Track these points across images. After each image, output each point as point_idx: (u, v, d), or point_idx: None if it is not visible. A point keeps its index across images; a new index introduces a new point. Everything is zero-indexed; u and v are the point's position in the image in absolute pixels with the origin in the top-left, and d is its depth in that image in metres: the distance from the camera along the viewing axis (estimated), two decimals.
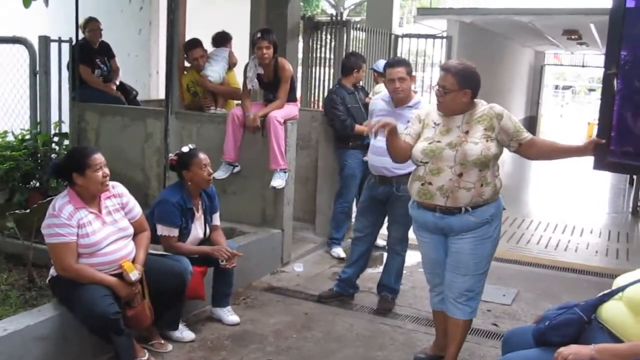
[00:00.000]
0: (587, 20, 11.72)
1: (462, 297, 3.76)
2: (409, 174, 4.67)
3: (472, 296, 3.77)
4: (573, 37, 15.05)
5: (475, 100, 3.73)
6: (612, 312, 2.73)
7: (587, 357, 2.57)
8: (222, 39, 6.56)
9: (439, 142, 3.65)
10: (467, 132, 3.62)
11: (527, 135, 3.67)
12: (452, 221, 3.67)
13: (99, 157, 3.71)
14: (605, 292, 2.83)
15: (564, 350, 2.65)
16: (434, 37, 11.22)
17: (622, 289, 2.74)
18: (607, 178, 12.42)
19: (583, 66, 25.83)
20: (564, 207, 9.60)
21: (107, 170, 3.73)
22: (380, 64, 6.67)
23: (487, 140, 3.58)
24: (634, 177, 9.88)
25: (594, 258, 6.92)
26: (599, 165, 3.51)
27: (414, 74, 4.87)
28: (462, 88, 3.62)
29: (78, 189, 3.70)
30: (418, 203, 3.79)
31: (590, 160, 3.57)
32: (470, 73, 3.67)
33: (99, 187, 3.72)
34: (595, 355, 2.56)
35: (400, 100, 4.71)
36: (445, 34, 11.53)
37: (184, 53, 6.23)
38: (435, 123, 3.75)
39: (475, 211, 3.64)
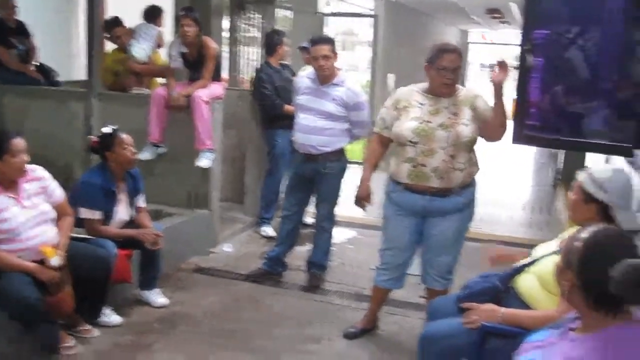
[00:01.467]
0: None
1: (445, 273, 3.91)
2: (335, 151, 4.75)
3: (452, 270, 3.94)
4: (496, 15, 15.39)
5: None
6: (525, 284, 2.84)
7: (496, 321, 2.72)
8: (151, 14, 6.35)
9: (429, 122, 3.66)
10: (455, 114, 3.66)
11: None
12: (441, 203, 3.71)
13: (18, 142, 3.58)
14: (521, 263, 2.94)
15: (473, 313, 2.81)
16: (360, 15, 11.27)
17: (534, 261, 2.85)
18: (530, 152, 12.80)
19: (507, 44, 26.45)
20: (490, 182, 9.82)
21: (25, 157, 3.61)
22: None
23: (473, 122, 3.65)
24: (555, 150, 10.21)
25: (519, 230, 7.16)
26: (517, 139, 3.63)
27: (337, 51, 4.88)
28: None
29: None
30: (406, 187, 3.76)
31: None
32: None
33: (16, 173, 3.61)
34: (502, 321, 2.71)
35: (325, 77, 4.72)
36: (372, 13, 11.58)
37: (105, 32, 6.06)
38: (420, 103, 3.74)
39: (464, 192, 3.73)
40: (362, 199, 4.17)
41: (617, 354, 1.80)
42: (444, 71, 3.63)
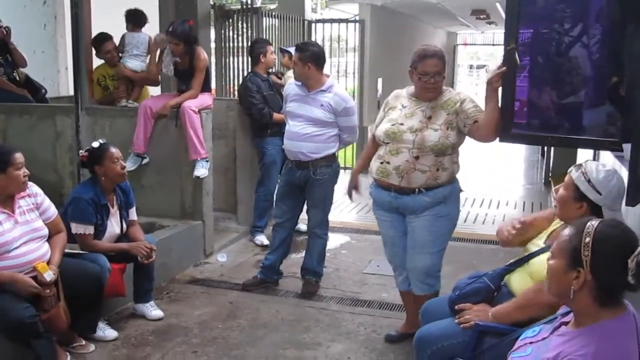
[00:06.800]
0: (493, 0, 12.04)
1: (424, 277, 3.88)
2: (325, 157, 4.77)
3: (432, 274, 3.90)
4: (482, 16, 15.43)
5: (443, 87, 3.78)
6: (517, 282, 2.85)
7: (488, 319, 2.75)
8: (138, 20, 6.20)
9: (401, 124, 3.70)
10: (429, 118, 3.66)
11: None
12: (407, 201, 3.74)
13: (20, 156, 3.62)
14: (512, 261, 2.95)
15: (466, 314, 2.82)
16: (346, 21, 11.28)
17: (525, 259, 2.86)
18: (521, 151, 12.84)
19: (493, 45, 26.59)
20: (481, 181, 9.86)
21: (27, 170, 3.64)
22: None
23: (447, 128, 3.63)
24: (545, 148, 10.25)
25: None
26: (504, 137, 3.62)
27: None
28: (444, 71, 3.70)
29: None
30: (376, 182, 3.85)
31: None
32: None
33: (19, 187, 3.63)
34: (492, 319, 2.73)
35: (313, 84, 4.74)
36: (357, 18, 11.60)
37: (93, 48, 6.04)
38: (402, 105, 3.79)
39: (429, 192, 3.71)
40: (349, 189, 4.32)
41: (609, 347, 1.80)
42: (425, 76, 3.65)
